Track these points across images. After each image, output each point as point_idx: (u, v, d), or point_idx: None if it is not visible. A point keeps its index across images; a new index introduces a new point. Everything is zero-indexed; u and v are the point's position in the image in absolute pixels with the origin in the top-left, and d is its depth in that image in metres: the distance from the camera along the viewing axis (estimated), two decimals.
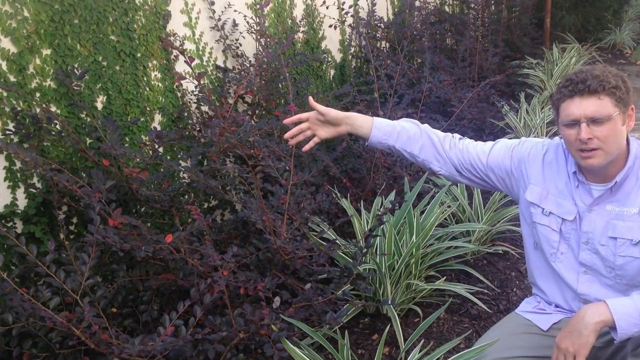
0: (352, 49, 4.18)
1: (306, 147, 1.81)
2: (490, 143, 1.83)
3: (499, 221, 3.12)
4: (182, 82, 2.61)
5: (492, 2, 6.59)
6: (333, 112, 1.77)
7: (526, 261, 1.87)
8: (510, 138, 2.06)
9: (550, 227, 1.68)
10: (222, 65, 2.91)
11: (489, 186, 1.85)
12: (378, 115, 3.64)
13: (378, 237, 2.57)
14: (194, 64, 2.68)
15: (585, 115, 1.50)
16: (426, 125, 1.86)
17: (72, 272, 1.71)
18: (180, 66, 2.60)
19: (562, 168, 1.66)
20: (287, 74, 2.63)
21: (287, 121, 1.77)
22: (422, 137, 1.82)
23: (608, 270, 1.62)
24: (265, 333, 1.88)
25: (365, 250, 2.09)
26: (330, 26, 3.81)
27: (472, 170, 1.82)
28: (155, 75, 2.48)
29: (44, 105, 1.99)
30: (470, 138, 1.97)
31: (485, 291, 2.74)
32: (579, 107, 1.50)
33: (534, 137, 1.83)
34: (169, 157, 2.53)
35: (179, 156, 2.57)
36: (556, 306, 1.78)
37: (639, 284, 1.60)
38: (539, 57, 6.84)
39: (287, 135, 1.79)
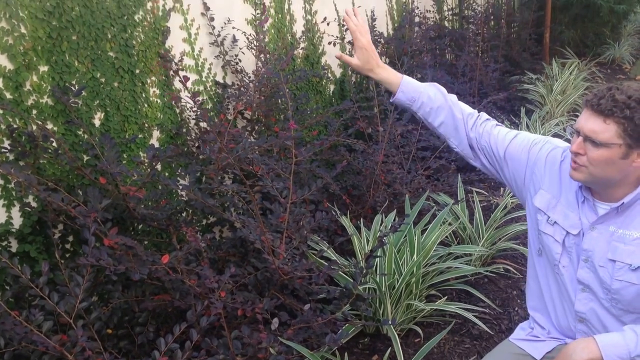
0: None
1: (339, 54, 1.79)
2: (511, 134, 1.77)
3: (500, 239, 3.09)
4: (180, 98, 2.59)
5: (492, 17, 6.60)
6: (374, 57, 1.76)
7: (527, 269, 1.81)
8: None
9: (554, 237, 1.64)
10: (221, 81, 2.89)
11: (500, 178, 1.81)
12: (377, 132, 3.62)
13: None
14: (192, 80, 2.66)
15: (583, 131, 1.46)
16: (453, 98, 1.81)
17: (66, 294, 1.68)
18: (180, 82, 2.58)
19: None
20: (287, 90, 2.61)
21: (348, 12, 1.78)
22: (445, 112, 1.78)
23: (604, 292, 1.57)
24: (263, 357, 1.84)
25: (365, 271, 2.05)
26: (330, 43, 3.80)
27: (489, 158, 1.79)
28: (154, 91, 2.46)
29: (40, 123, 1.96)
30: None
31: (487, 311, 2.70)
32: (584, 120, 1.47)
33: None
34: (167, 174, 2.50)
35: (177, 173, 2.54)
36: (550, 332, 1.73)
37: (634, 310, 1.55)
38: (539, 72, 6.84)
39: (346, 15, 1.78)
